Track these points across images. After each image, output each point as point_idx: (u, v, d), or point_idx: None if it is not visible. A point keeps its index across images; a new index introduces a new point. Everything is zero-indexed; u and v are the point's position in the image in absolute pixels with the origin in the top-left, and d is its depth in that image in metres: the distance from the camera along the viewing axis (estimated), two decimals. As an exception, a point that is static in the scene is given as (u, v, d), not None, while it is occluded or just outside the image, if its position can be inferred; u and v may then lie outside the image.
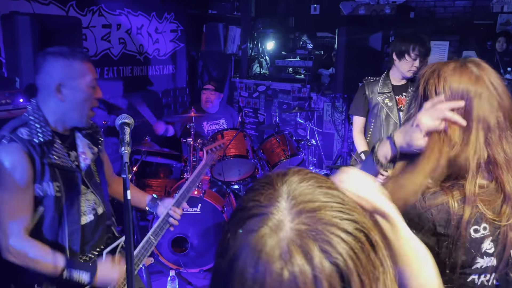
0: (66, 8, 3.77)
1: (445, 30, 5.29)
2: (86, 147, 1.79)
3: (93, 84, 1.70)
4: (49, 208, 1.64)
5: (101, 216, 1.83)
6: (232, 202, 3.89)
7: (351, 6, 5.20)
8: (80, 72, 1.67)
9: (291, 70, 5.52)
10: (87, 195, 1.77)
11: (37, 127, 1.63)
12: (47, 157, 1.61)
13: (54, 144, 1.65)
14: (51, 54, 1.65)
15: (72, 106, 1.68)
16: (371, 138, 3.04)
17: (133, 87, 4.61)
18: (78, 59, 1.66)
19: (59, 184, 1.65)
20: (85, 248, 1.76)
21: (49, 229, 1.66)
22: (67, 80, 1.64)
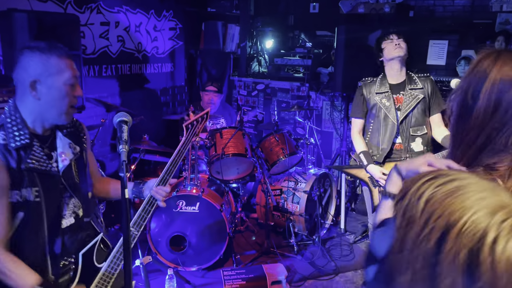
0: (64, 5, 3.75)
1: (444, 29, 5.29)
2: (67, 147, 1.72)
3: (71, 82, 1.62)
4: (28, 214, 1.59)
5: (82, 218, 1.77)
6: (230, 201, 3.89)
7: (351, 4, 5.19)
8: (57, 68, 1.58)
9: (290, 68, 5.51)
10: (67, 198, 1.71)
11: (14, 130, 1.57)
12: (24, 163, 1.55)
13: (33, 148, 1.58)
14: (29, 48, 1.57)
15: (48, 105, 1.60)
16: (370, 139, 3.04)
17: (132, 85, 4.60)
18: (56, 55, 1.58)
19: (38, 189, 1.59)
20: (67, 251, 1.71)
21: (29, 234, 1.60)
22: (42, 76, 1.56)
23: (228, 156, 3.61)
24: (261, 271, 3.24)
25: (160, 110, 5.04)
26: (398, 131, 2.92)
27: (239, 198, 4.15)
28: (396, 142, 2.95)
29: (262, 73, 5.75)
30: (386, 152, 2.93)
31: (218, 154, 3.60)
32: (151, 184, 1.93)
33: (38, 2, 3.51)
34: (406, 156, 2.93)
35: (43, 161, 1.61)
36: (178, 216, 3.42)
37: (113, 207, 3.77)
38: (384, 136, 2.95)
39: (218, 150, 3.63)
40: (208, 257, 3.48)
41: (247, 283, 3.13)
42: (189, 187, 3.48)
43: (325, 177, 4.22)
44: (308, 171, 4.15)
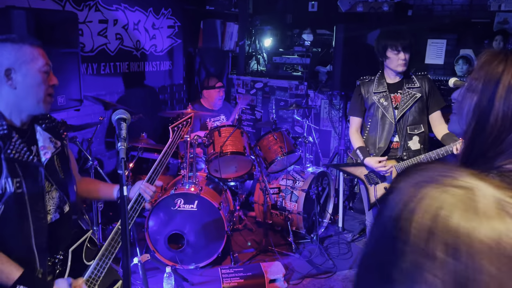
0: (62, 2, 3.74)
1: (442, 28, 5.30)
2: (48, 140, 1.70)
3: (45, 69, 1.62)
4: (10, 206, 1.55)
5: (68, 214, 1.76)
6: (228, 199, 3.89)
7: (349, 3, 5.19)
8: (30, 56, 1.58)
9: (289, 67, 5.51)
10: (52, 193, 1.69)
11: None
12: (3, 152, 1.53)
13: (11, 139, 1.56)
14: (0, 40, 1.57)
15: (24, 93, 1.59)
16: (367, 137, 3.05)
17: (130, 83, 4.60)
18: (28, 44, 1.59)
19: (19, 180, 1.56)
20: (54, 249, 1.70)
21: (12, 228, 1.57)
22: (16, 64, 1.56)
23: (226, 154, 3.61)
24: (259, 269, 3.24)
25: (158, 108, 5.04)
26: (395, 129, 2.92)
27: (237, 196, 4.16)
28: (394, 141, 2.96)
29: (260, 71, 5.75)
30: (383, 150, 2.94)
31: (217, 153, 3.60)
32: (137, 185, 1.97)
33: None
34: (402, 154, 2.94)
35: (23, 153, 1.58)
36: (176, 214, 3.42)
37: (111, 206, 3.77)
38: (381, 135, 2.96)
39: (216, 148, 3.63)
40: (206, 255, 3.49)
41: (245, 281, 3.14)
42: (187, 185, 3.48)
43: (323, 175, 4.22)
44: (306, 169, 4.16)
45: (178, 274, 3.32)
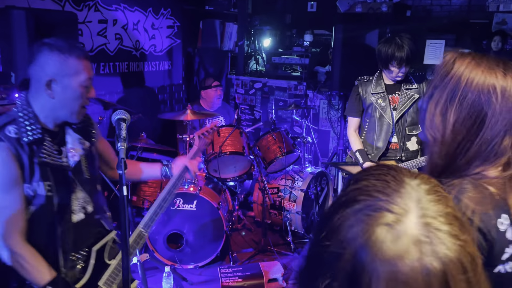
0: (62, 2, 3.75)
1: (441, 28, 5.31)
2: (76, 142, 1.73)
3: (86, 84, 1.63)
4: (40, 208, 1.61)
5: (91, 214, 1.79)
6: (227, 199, 3.90)
7: (348, 3, 5.21)
8: (75, 69, 1.59)
9: (288, 67, 5.52)
10: (77, 193, 1.72)
11: (26, 124, 1.58)
12: (37, 156, 1.56)
13: (44, 142, 1.60)
14: (48, 46, 1.57)
15: (61, 104, 1.61)
16: (365, 138, 3.05)
17: (129, 83, 4.60)
18: (75, 56, 1.58)
19: (50, 183, 1.60)
20: (77, 247, 1.74)
21: (40, 228, 1.63)
22: (59, 76, 1.57)
23: (225, 154, 3.62)
24: (258, 269, 3.25)
25: (157, 108, 5.05)
26: (393, 130, 2.93)
27: (236, 196, 4.17)
28: (392, 142, 2.97)
29: (259, 71, 5.76)
30: (381, 151, 2.95)
31: (216, 152, 3.61)
32: (178, 161, 2.09)
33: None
34: (401, 155, 2.95)
35: (53, 156, 1.62)
36: (176, 214, 3.43)
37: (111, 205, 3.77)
38: (379, 135, 2.96)
39: (215, 148, 3.64)
40: (205, 254, 3.50)
41: (244, 280, 3.15)
42: (186, 185, 3.49)
43: (322, 175, 4.23)
44: (305, 169, 4.17)
45: (177, 274, 3.33)
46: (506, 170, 1.04)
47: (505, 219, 1.02)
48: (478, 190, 1.02)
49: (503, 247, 1.03)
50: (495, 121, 1.01)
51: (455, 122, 1.04)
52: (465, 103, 1.03)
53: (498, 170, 1.04)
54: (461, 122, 1.04)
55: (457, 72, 1.05)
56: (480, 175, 1.04)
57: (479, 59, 1.06)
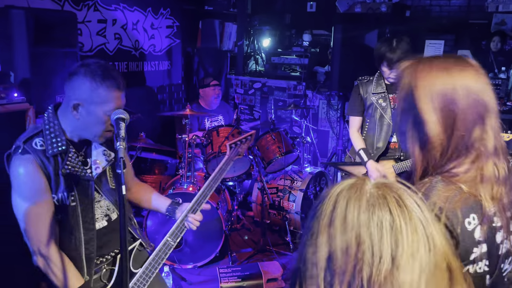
0: (61, 2, 3.75)
1: (440, 29, 5.32)
2: (100, 154, 1.77)
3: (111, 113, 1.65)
4: (65, 217, 1.67)
5: (115, 221, 1.84)
6: (226, 199, 3.90)
7: (347, 4, 5.21)
8: (103, 99, 1.62)
9: (287, 67, 5.52)
10: (100, 202, 1.79)
11: (52, 137, 1.64)
12: (61, 168, 1.63)
13: (69, 154, 1.66)
14: (84, 69, 1.62)
15: (84, 126, 1.67)
16: (366, 137, 3.06)
17: (128, 83, 4.60)
18: (106, 85, 1.61)
19: (74, 193, 1.67)
20: (100, 253, 1.79)
21: (66, 236, 1.69)
22: (86, 102, 1.62)
23: (224, 154, 3.62)
24: (257, 269, 3.25)
25: (157, 108, 5.05)
26: (393, 130, 2.94)
27: (235, 196, 4.16)
28: (392, 141, 2.98)
29: (259, 71, 5.77)
30: (381, 151, 2.96)
31: (215, 152, 3.61)
32: (184, 207, 1.99)
33: (35, -1, 3.51)
34: (400, 155, 2.96)
35: (78, 167, 1.68)
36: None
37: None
38: (379, 135, 2.97)
39: (214, 148, 3.64)
40: (204, 254, 3.50)
41: (242, 280, 3.15)
42: (185, 185, 3.49)
43: (321, 175, 4.24)
44: (304, 169, 4.17)
45: (176, 274, 3.33)
46: (475, 162, 1.05)
47: (473, 218, 1.02)
48: (449, 188, 1.03)
49: (470, 246, 1.03)
50: (463, 117, 1.03)
51: (430, 129, 1.06)
52: (432, 108, 1.05)
53: (469, 163, 1.05)
54: (435, 126, 1.06)
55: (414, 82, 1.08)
56: (452, 172, 1.05)
57: (429, 63, 1.09)
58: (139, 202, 2.08)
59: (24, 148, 1.60)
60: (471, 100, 1.03)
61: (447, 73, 1.06)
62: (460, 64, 1.07)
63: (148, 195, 2.08)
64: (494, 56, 4.94)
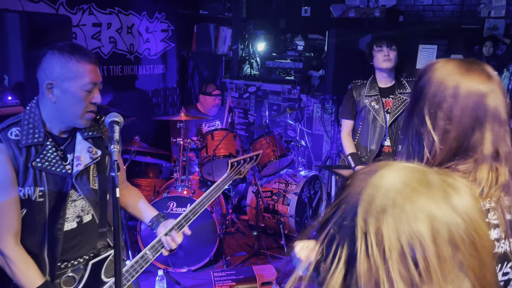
0: (56, 6, 3.75)
1: (433, 34, 5.36)
2: (85, 151, 1.67)
3: (88, 88, 1.58)
4: (30, 213, 1.59)
5: (87, 224, 1.72)
6: (221, 202, 3.91)
7: (341, 8, 5.25)
8: (75, 73, 1.54)
9: (282, 71, 5.54)
10: (76, 202, 1.68)
11: (30, 127, 1.57)
12: (33, 161, 1.54)
13: (45, 148, 1.58)
14: (51, 49, 1.56)
15: (63, 108, 1.58)
16: (358, 141, 3.08)
17: (123, 86, 4.60)
18: (76, 59, 1.54)
19: (43, 189, 1.58)
20: (64, 257, 1.68)
21: (30, 232, 1.61)
22: (58, 80, 1.54)
23: (219, 158, 3.63)
24: (251, 273, 3.26)
25: (151, 112, 5.05)
26: (386, 133, 2.96)
27: (230, 199, 4.17)
28: (385, 145, 3.00)
29: (253, 75, 5.78)
30: (374, 154, 2.98)
31: (209, 156, 3.61)
32: (168, 223, 1.86)
33: (30, 2, 3.51)
34: (394, 159, 2.97)
35: (54, 162, 1.59)
36: (169, 217, 3.41)
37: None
38: (372, 138, 2.99)
39: (209, 151, 3.65)
40: (198, 258, 3.49)
41: (237, 284, 3.15)
42: (180, 188, 3.49)
43: (315, 179, 4.25)
44: (299, 173, 4.18)
45: (170, 277, 3.32)
46: (473, 164, 1.07)
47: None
48: None
49: None
50: (460, 118, 1.06)
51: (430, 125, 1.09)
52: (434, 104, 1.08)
53: (468, 165, 1.07)
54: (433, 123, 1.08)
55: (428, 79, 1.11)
56: (451, 169, 1.07)
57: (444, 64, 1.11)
58: (126, 207, 1.96)
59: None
60: (471, 103, 1.05)
61: (456, 73, 1.08)
62: (472, 66, 1.09)
63: (135, 201, 1.97)
64: (486, 61, 4.98)
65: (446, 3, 5.49)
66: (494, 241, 1.08)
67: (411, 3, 5.64)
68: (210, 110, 4.45)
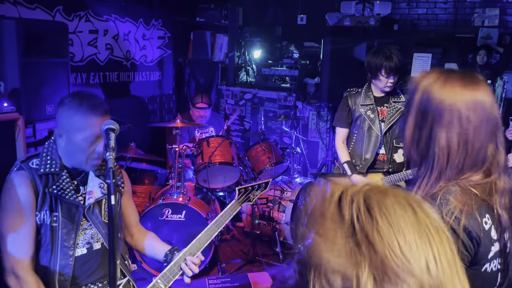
0: (53, 13, 3.76)
1: (428, 42, 5.42)
2: (96, 186, 1.80)
3: (91, 140, 1.68)
4: (44, 237, 1.69)
5: (97, 251, 1.82)
6: (216, 209, 3.90)
7: (337, 17, 5.29)
8: (79, 126, 1.66)
9: (278, 78, 5.57)
10: (87, 230, 1.78)
11: (48, 159, 1.71)
12: (50, 187, 1.68)
13: (61, 177, 1.71)
14: (66, 98, 1.70)
15: (69, 154, 1.73)
16: (353, 149, 3.09)
17: (119, 93, 4.61)
18: (81, 113, 1.66)
19: (57, 215, 1.69)
20: (76, 281, 1.76)
21: (43, 257, 1.69)
22: (64, 130, 1.69)
23: (214, 165, 3.63)
24: (247, 280, 3.25)
25: (147, 118, 5.05)
26: (381, 142, 2.98)
27: (225, 206, 4.16)
28: (380, 153, 3.01)
29: (249, 82, 5.81)
30: (369, 162, 2.99)
31: (205, 163, 3.62)
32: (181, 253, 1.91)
33: (27, 9, 3.52)
34: (388, 167, 2.99)
35: (68, 191, 1.72)
36: (164, 224, 3.42)
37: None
38: (367, 146, 3.00)
39: (205, 158, 3.65)
40: (193, 265, 3.48)
41: (232, 291, 3.14)
42: (175, 195, 3.48)
43: (310, 186, 4.26)
44: (294, 180, 4.19)
45: (165, 285, 3.30)
46: (487, 176, 1.10)
47: (488, 218, 1.08)
48: (464, 192, 1.08)
49: (488, 245, 1.08)
50: (478, 132, 1.07)
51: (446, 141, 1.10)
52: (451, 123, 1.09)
53: (481, 176, 1.10)
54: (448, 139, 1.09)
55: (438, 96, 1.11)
56: (467, 180, 1.10)
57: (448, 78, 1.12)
58: (142, 249, 2.03)
59: (20, 166, 1.70)
60: (486, 117, 1.08)
61: (466, 89, 1.09)
62: (475, 80, 1.11)
63: (151, 244, 2.03)
64: (480, 69, 5.03)
65: (440, 12, 5.56)
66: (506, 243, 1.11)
67: (406, 12, 5.71)
68: (196, 120, 4.41)
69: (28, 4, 3.53)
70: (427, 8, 5.60)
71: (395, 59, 2.79)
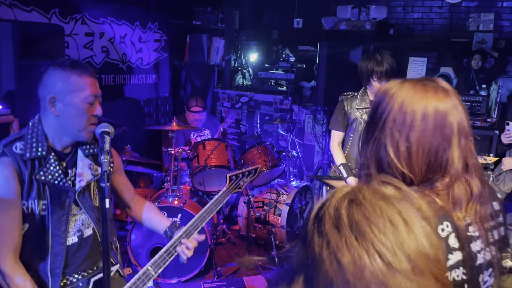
0: (49, 15, 3.76)
1: (423, 46, 5.45)
2: (86, 167, 1.70)
3: (90, 100, 1.62)
4: (33, 226, 1.60)
5: (87, 238, 1.75)
6: (212, 212, 3.89)
7: (333, 21, 5.32)
8: (77, 86, 1.59)
9: (274, 82, 5.58)
10: (77, 216, 1.70)
11: (33, 141, 1.60)
12: (37, 174, 1.57)
13: (48, 161, 1.60)
14: (52, 65, 1.60)
15: (66, 121, 1.61)
16: (349, 152, 3.10)
17: (115, 96, 4.60)
18: (77, 73, 1.59)
19: (46, 202, 1.60)
20: (67, 271, 1.69)
21: (33, 247, 1.62)
22: (61, 94, 1.58)
23: (210, 168, 3.63)
24: (242, 283, 3.24)
25: (143, 121, 5.04)
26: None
27: (221, 210, 4.16)
28: (375, 156, 3.02)
29: (246, 86, 5.81)
30: (365, 165, 3.00)
31: (201, 166, 3.61)
32: (181, 231, 1.91)
33: (22, 12, 3.51)
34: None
35: (57, 176, 1.62)
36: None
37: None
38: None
39: (200, 161, 3.65)
40: (188, 269, 3.47)
41: (227, 295, 3.13)
42: (171, 198, 3.48)
43: (306, 189, 4.26)
44: (290, 183, 4.20)
45: (160, 288, 3.30)
46: (450, 183, 1.08)
47: (447, 226, 1.05)
48: (424, 198, 1.06)
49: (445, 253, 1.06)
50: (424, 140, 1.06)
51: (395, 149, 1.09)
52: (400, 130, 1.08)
53: (443, 181, 1.09)
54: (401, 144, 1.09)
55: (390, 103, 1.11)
56: (429, 186, 1.09)
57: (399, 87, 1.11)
58: (141, 221, 2.02)
59: (3, 151, 1.56)
60: (434, 124, 1.06)
61: (413, 96, 1.08)
62: (427, 85, 1.09)
63: (148, 214, 2.03)
64: (475, 74, 5.06)
65: (435, 16, 5.60)
66: (476, 254, 1.10)
67: (402, 16, 5.74)
68: (191, 123, 4.41)
69: (24, 7, 3.53)
70: (423, 13, 5.63)
71: (385, 64, 2.80)
